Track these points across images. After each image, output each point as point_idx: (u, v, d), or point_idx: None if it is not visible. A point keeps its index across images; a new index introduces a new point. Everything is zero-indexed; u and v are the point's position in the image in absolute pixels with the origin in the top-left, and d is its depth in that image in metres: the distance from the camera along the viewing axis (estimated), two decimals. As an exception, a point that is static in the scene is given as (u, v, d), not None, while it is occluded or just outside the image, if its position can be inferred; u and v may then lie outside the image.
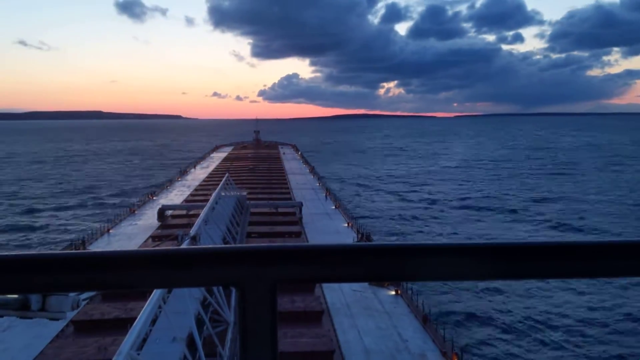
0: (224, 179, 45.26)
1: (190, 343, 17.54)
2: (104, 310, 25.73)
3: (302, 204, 50.82)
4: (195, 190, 65.74)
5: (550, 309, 35.12)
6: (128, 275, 1.01)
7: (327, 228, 45.47)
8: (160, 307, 17.47)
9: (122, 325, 20.30)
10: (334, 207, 54.88)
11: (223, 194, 40.16)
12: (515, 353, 29.18)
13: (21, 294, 10.20)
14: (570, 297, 37.03)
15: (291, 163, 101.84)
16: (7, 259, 0.98)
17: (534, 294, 37.51)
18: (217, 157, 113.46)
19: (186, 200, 58.06)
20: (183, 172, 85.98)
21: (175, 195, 62.85)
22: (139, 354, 15.14)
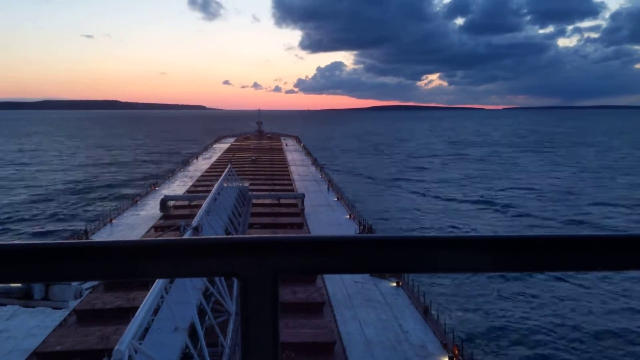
0: (226, 170, 45.26)
1: (192, 333, 17.63)
2: (106, 300, 25.86)
3: (304, 196, 50.87)
4: (198, 181, 65.84)
5: (552, 301, 35.18)
6: (130, 265, 1.01)
7: (329, 220, 45.51)
8: (162, 297, 17.52)
9: (124, 314, 20.40)
10: (336, 199, 54.90)
11: (225, 184, 40.16)
12: (516, 345, 29.26)
13: (24, 283, 10.24)
14: (571, 290, 37.08)
15: (294, 154, 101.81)
16: (11, 248, 0.98)
17: (535, 286, 37.56)
18: (220, 148, 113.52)
19: (188, 191, 58.17)
20: (185, 163, 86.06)
21: (178, 186, 62.93)
22: (141, 344, 15.21)
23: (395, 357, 21.67)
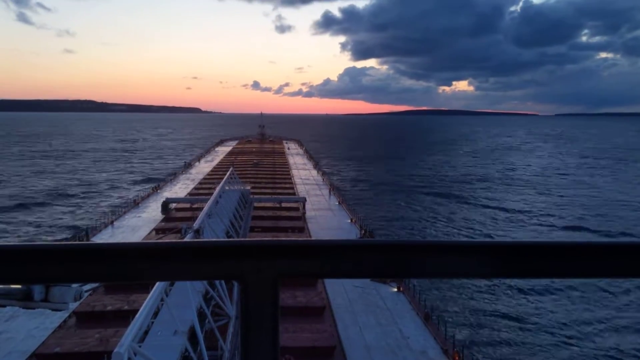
0: (228, 173, 45.33)
1: (192, 336, 17.62)
2: (106, 302, 25.87)
3: (305, 199, 51.00)
4: (200, 183, 65.99)
5: (554, 308, 35.11)
6: (131, 268, 1.01)
7: (331, 224, 45.53)
8: (162, 299, 17.52)
9: (124, 317, 20.41)
10: (337, 203, 54.95)
11: (227, 187, 40.24)
12: (517, 352, 29.19)
13: (24, 284, 10.25)
14: (574, 297, 37.01)
15: (296, 158, 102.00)
16: (11, 249, 0.98)
17: (537, 293, 37.49)
18: (222, 151, 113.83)
19: (190, 194, 58.27)
20: (187, 166, 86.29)
21: (179, 189, 63.08)
22: (140, 346, 15.20)
23: None
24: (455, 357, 21.70)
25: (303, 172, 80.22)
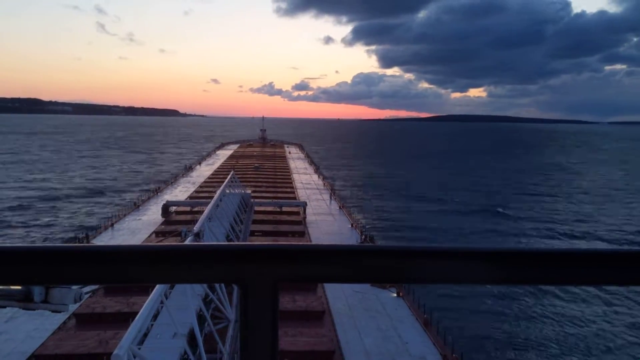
0: (229, 177, 45.26)
1: (191, 339, 17.58)
2: (106, 304, 25.82)
3: (306, 204, 50.88)
4: (200, 187, 65.84)
5: (553, 314, 34.98)
6: (131, 270, 1.01)
7: (331, 229, 45.43)
8: (162, 302, 17.52)
9: (124, 319, 20.38)
10: (338, 208, 54.85)
11: (228, 191, 40.18)
12: (517, 358, 29.07)
13: (24, 285, 10.26)
14: (574, 304, 36.88)
15: (297, 162, 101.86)
16: (12, 250, 0.99)
17: (537, 299, 37.37)
18: (223, 155, 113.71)
19: (190, 197, 58.10)
20: (188, 169, 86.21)
21: (180, 192, 62.97)
22: (139, 349, 15.19)
23: None
24: None
25: (304, 177, 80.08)
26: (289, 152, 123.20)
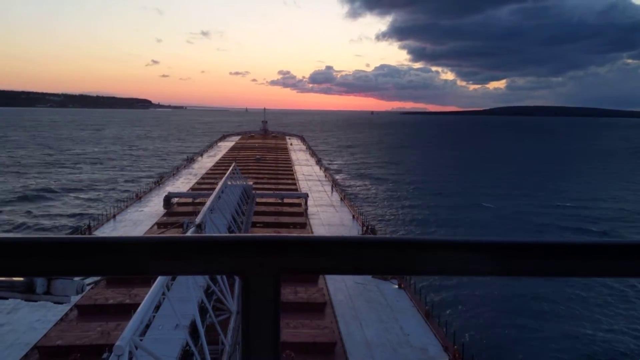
0: (230, 168, 45.32)
1: (193, 330, 17.68)
2: (108, 296, 25.94)
3: (307, 195, 51.01)
4: (202, 178, 66.02)
5: (556, 306, 35.08)
6: (133, 262, 1.01)
7: (333, 220, 45.54)
8: (164, 293, 17.57)
9: (126, 310, 20.45)
10: (340, 199, 54.94)
11: (229, 183, 40.25)
12: (518, 350, 29.18)
13: (27, 276, 10.28)
14: (576, 296, 36.97)
15: (298, 154, 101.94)
16: (14, 241, 0.98)
17: (538, 291, 37.45)
18: (224, 146, 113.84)
19: (192, 188, 58.28)
20: (190, 160, 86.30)
21: (182, 183, 63.12)
22: (141, 340, 15.26)
23: (395, 359, 21.65)
24: (455, 355, 21.71)
25: (305, 168, 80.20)
26: (291, 144, 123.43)
